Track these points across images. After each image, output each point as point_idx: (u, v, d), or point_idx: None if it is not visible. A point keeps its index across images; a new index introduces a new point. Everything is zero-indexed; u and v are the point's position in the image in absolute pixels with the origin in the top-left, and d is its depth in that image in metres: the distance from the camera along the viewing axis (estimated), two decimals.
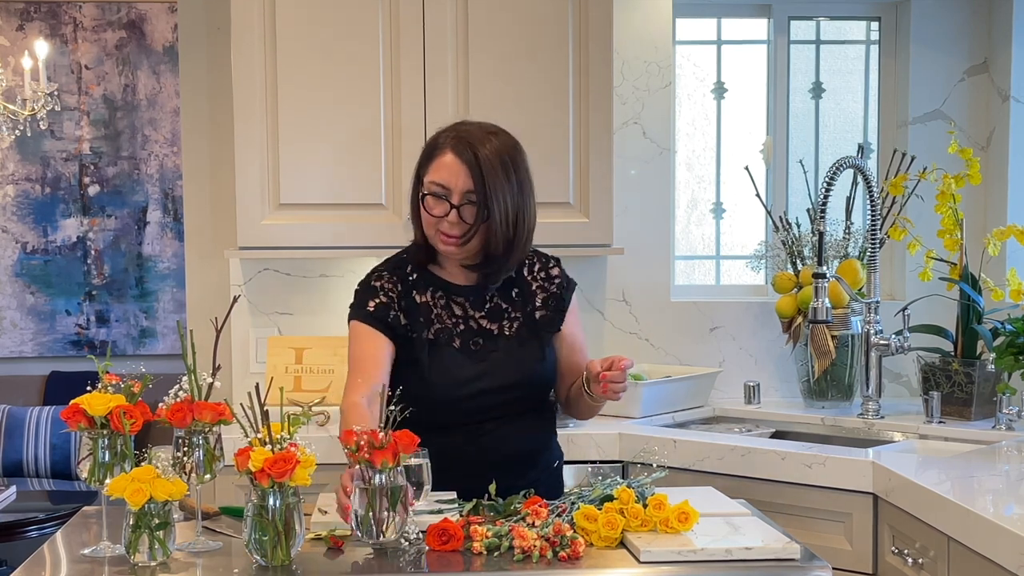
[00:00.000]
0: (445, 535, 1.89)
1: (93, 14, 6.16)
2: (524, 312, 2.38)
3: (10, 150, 6.15)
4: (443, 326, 2.34)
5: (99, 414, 1.92)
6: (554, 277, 2.43)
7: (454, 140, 2.28)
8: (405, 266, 2.39)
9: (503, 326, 2.36)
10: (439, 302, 2.36)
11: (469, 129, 2.31)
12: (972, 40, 3.54)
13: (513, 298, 2.39)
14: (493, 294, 2.37)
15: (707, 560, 1.84)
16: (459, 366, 2.31)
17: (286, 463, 1.78)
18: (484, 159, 2.25)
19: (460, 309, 2.36)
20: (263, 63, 3.10)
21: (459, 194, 2.25)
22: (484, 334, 2.35)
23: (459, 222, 2.26)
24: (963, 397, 3.08)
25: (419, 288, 2.37)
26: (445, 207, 2.26)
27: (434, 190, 2.27)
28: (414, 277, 2.38)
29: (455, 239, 2.27)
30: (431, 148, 2.32)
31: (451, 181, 2.25)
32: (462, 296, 2.36)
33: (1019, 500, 2.24)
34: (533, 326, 2.38)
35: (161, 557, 1.85)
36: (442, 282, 2.37)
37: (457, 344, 2.33)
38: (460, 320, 2.35)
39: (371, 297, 2.36)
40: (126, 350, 6.21)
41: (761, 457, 2.72)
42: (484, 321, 2.36)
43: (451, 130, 2.32)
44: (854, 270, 3.29)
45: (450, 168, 2.26)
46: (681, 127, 3.69)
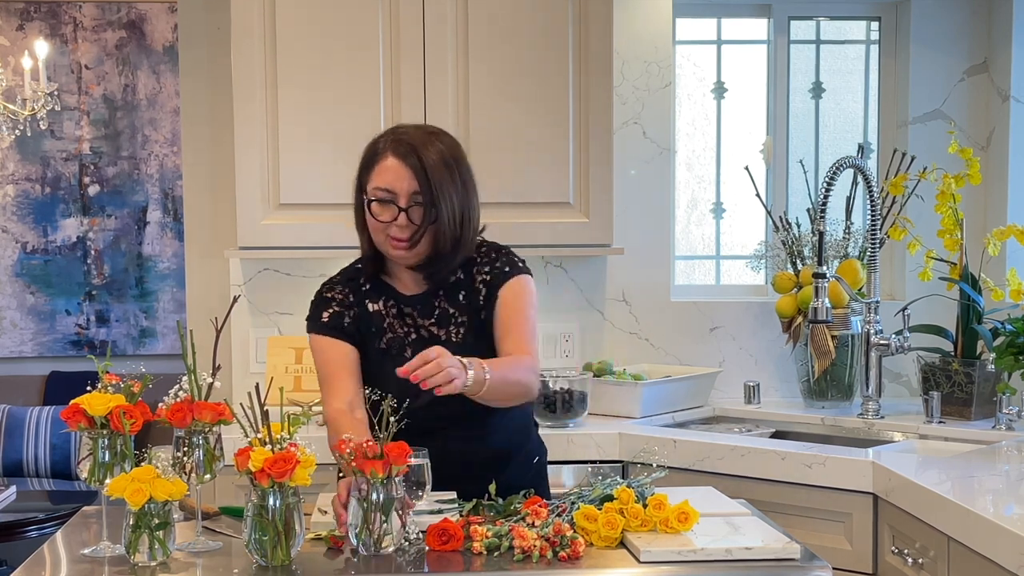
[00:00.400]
0: (445, 535, 1.89)
1: (93, 14, 6.16)
2: (470, 315, 2.34)
3: (10, 150, 6.15)
4: (395, 335, 2.34)
5: (99, 414, 1.92)
6: (495, 270, 2.35)
7: (394, 144, 2.26)
8: (359, 276, 2.40)
9: (450, 331, 2.33)
10: (391, 311, 2.36)
11: (407, 131, 2.30)
12: (972, 40, 3.54)
13: (460, 301, 2.35)
14: (441, 300, 2.35)
15: (707, 560, 1.84)
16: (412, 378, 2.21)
17: (286, 463, 1.78)
18: (428, 160, 2.24)
19: (411, 319, 2.35)
20: (263, 63, 3.10)
21: (406, 196, 2.24)
22: (434, 342, 2.31)
23: (408, 224, 2.25)
24: (963, 397, 3.08)
25: (371, 297, 2.37)
26: (392, 211, 2.25)
27: (380, 195, 2.25)
28: (367, 287, 2.38)
29: (405, 242, 2.26)
30: (371, 155, 2.29)
31: (396, 185, 2.24)
32: (410, 305, 2.35)
33: (1019, 500, 2.24)
34: (480, 327, 2.34)
35: (161, 557, 1.85)
36: (393, 291, 2.37)
37: (408, 354, 2.29)
38: (412, 329, 2.34)
39: (324, 308, 2.37)
40: (126, 350, 6.21)
41: (761, 457, 2.72)
42: (434, 328, 2.34)
43: (389, 134, 2.31)
44: (854, 270, 3.29)
45: (394, 172, 2.24)
46: (681, 127, 3.69)
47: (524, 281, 2.36)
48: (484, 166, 3.08)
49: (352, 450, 1.86)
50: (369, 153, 2.31)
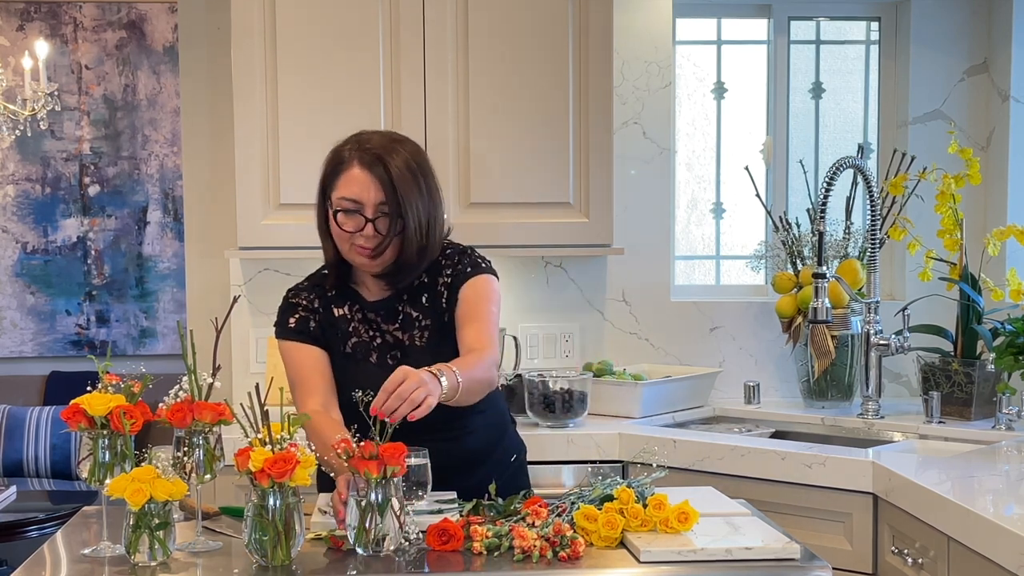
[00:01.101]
0: (445, 535, 1.90)
1: (93, 14, 6.16)
2: (434, 318, 2.34)
3: (10, 150, 6.15)
4: (360, 339, 2.34)
5: (99, 414, 1.92)
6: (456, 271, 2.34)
7: (359, 153, 2.25)
8: (324, 282, 2.40)
9: (413, 336, 2.33)
10: (356, 316, 2.36)
11: (372, 139, 2.28)
12: (972, 40, 3.54)
13: (423, 304, 2.35)
14: (404, 304, 2.35)
15: (707, 560, 1.84)
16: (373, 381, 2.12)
17: (286, 463, 1.78)
18: (394, 170, 2.23)
19: (375, 324, 2.35)
20: (263, 63, 3.10)
21: (372, 207, 2.24)
22: (399, 346, 2.33)
23: (374, 235, 2.24)
24: (963, 397, 3.08)
25: (337, 303, 2.37)
26: (358, 221, 2.24)
27: (345, 205, 2.25)
28: (332, 293, 2.38)
29: (370, 251, 2.26)
30: (336, 163, 2.28)
31: (362, 195, 2.24)
32: (373, 311, 2.36)
33: (1019, 500, 2.24)
34: (443, 330, 2.33)
35: (161, 557, 1.85)
36: (358, 297, 2.37)
37: (374, 359, 2.32)
38: (377, 334, 2.35)
39: (291, 314, 2.37)
40: (126, 350, 6.21)
41: (761, 457, 2.72)
42: (398, 333, 2.34)
43: (353, 142, 2.29)
44: (854, 270, 3.29)
45: (360, 182, 2.24)
46: (681, 127, 3.69)
47: (485, 279, 2.35)
48: (484, 166, 3.09)
49: (348, 451, 1.86)
50: (333, 161, 2.29)
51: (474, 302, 2.31)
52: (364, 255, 2.27)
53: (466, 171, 3.13)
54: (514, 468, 2.45)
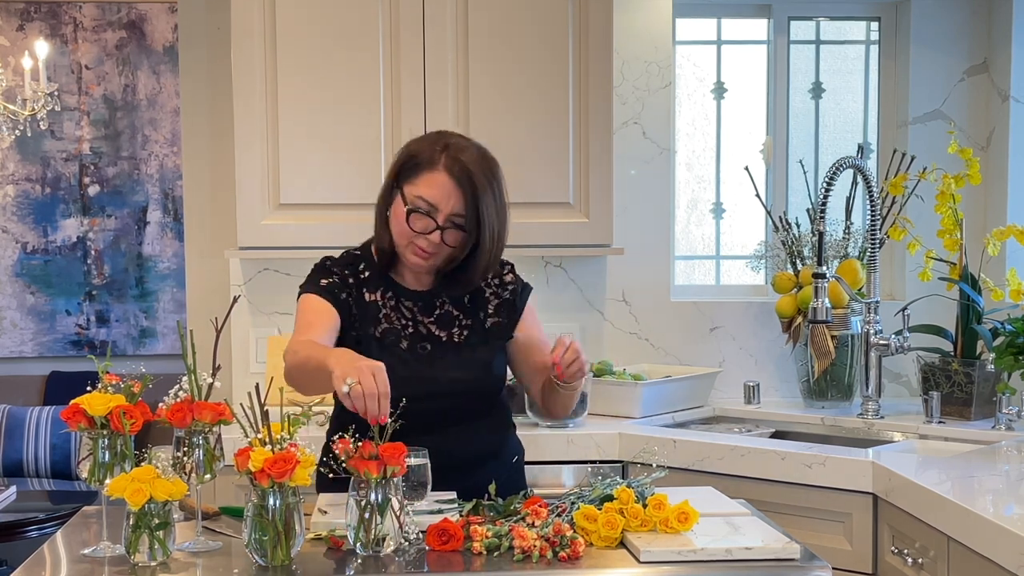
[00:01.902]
0: (445, 535, 1.89)
1: (93, 14, 6.16)
2: (475, 319, 2.35)
3: (10, 150, 6.15)
4: (391, 326, 2.32)
5: (99, 414, 1.92)
6: (507, 283, 2.40)
7: (448, 159, 2.23)
8: (358, 263, 2.37)
9: (452, 333, 2.33)
10: (388, 303, 2.33)
11: (460, 146, 2.26)
12: (972, 40, 3.54)
13: (465, 305, 2.35)
14: (444, 301, 2.35)
15: (707, 560, 1.84)
16: (403, 368, 2.24)
17: (286, 463, 1.78)
18: (480, 186, 2.23)
19: (409, 312, 2.33)
20: (263, 63, 3.10)
21: (446, 215, 2.23)
22: (432, 339, 2.32)
23: (439, 243, 2.24)
24: (963, 397, 3.08)
25: (369, 287, 2.34)
26: (428, 224, 2.23)
27: (420, 205, 2.23)
28: (366, 275, 2.35)
29: (428, 255, 2.26)
30: (422, 160, 2.25)
31: (441, 202, 2.22)
32: (411, 300, 2.34)
33: (1019, 500, 2.24)
34: (484, 334, 2.35)
35: (161, 557, 1.85)
36: (393, 283, 2.35)
37: (404, 346, 2.30)
38: (409, 323, 2.33)
39: (324, 276, 2.33)
40: (126, 350, 6.21)
41: (761, 457, 2.72)
42: (433, 327, 2.33)
43: (439, 143, 2.26)
44: (854, 270, 3.29)
45: (443, 188, 2.22)
46: (681, 127, 3.69)
47: (532, 299, 2.45)
48: None
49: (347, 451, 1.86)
50: (419, 157, 2.26)
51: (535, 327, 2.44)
52: (421, 257, 2.26)
53: None
54: (514, 469, 2.46)
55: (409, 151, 2.29)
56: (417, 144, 2.30)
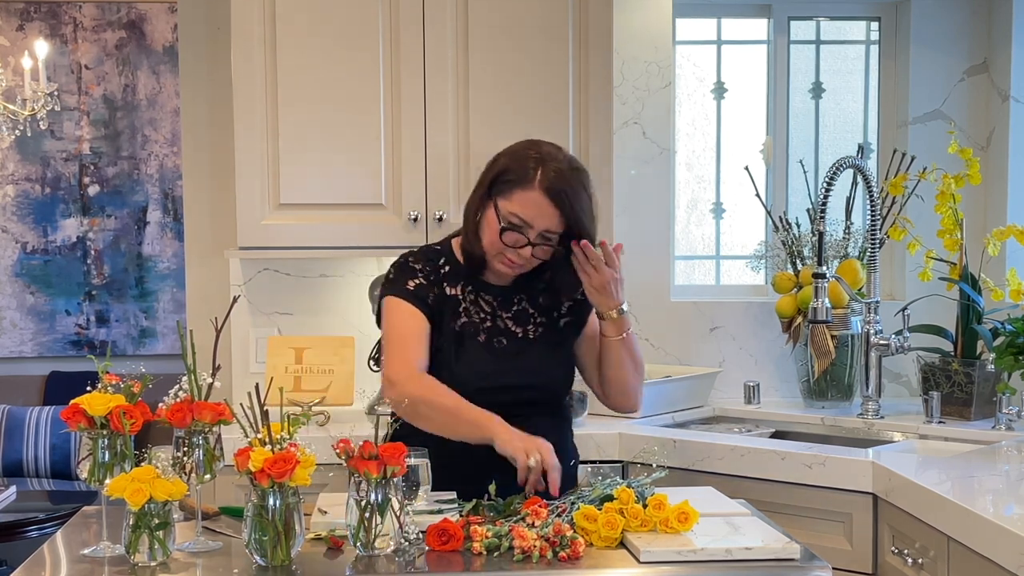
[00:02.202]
0: (445, 535, 1.89)
1: (93, 14, 6.16)
2: (549, 318, 2.42)
3: (10, 150, 6.15)
4: (470, 319, 2.37)
5: (99, 414, 1.92)
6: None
7: (543, 177, 2.25)
8: (438, 258, 2.41)
9: (528, 329, 2.39)
10: (468, 296, 2.38)
11: (558, 164, 2.28)
12: (972, 40, 3.54)
13: (539, 303, 2.42)
14: (521, 297, 2.41)
15: (707, 560, 1.84)
16: (482, 360, 2.34)
17: (286, 463, 1.78)
18: (576, 203, 2.27)
19: (488, 306, 2.39)
20: (263, 63, 3.10)
21: (538, 232, 2.28)
22: (508, 334, 2.38)
23: (530, 258, 2.30)
24: (963, 397, 3.08)
25: (450, 281, 2.39)
26: (520, 239, 2.28)
27: (513, 221, 2.27)
28: (446, 270, 2.40)
29: (518, 268, 2.32)
30: (516, 174, 2.27)
31: (535, 220, 2.26)
32: (490, 294, 2.40)
33: (1019, 500, 2.24)
34: (557, 332, 2.42)
35: (161, 557, 1.85)
36: (472, 277, 2.40)
37: (482, 339, 2.36)
38: (487, 317, 2.38)
39: (410, 277, 2.37)
40: (126, 350, 6.21)
41: (761, 457, 2.72)
42: (510, 322, 2.39)
43: (533, 158, 2.28)
44: (854, 270, 3.29)
45: (538, 208, 2.26)
46: (681, 127, 3.69)
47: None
48: (483, 166, 3.08)
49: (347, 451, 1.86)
50: (513, 172, 2.28)
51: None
52: (509, 268, 2.32)
53: (466, 171, 3.13)
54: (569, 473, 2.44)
55: (502, 166, 2.32)
56: (509, 158, 2.32)
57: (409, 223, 3.12)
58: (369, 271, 3.40)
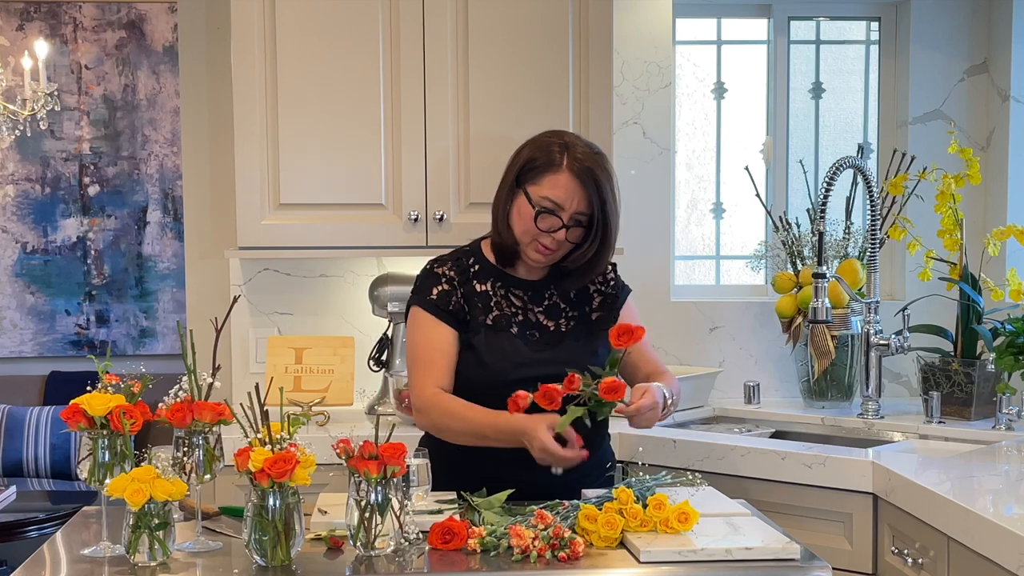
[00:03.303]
0: (449, 534, 1.89)
1: (93, 14, 6.16)
2: (580, 312, 2.45)
3: (10, 150, 6.15)
4: (502, 313, 2.40)
5: (99, 414, 1.93)
6: (610, 280, 2.51)
7: (570, 159, 2.32)
8: (468, 257, 2.46)
9: (559, 323, 2.42)
10: (499, 292, 2.42)
11: (579, 147, 2.35)
12: (972, 40, 3.54)
13: (571, 298, 2.45)
14: (552, 292, 2.44)
15: (707, 560, 1.84)
16: (516, 350, 2.37)
17: (286, 463, 1.78)
18: (602, 183, 2.33)
19: (519, 301, 2.42)
20: (263, 63, 3.10)
21: (571, 214, 2.32)
22: (540, 328, 2.41)
23: (564, 240, 2.34)
24: (963, 397, 3.08)
25: (480, 278, 2.43)
26: (554, 223, 2.32)
27: (546, 205, 2.32)
28: (476, 269, 2.44)
29: (552, 253, 2.35)
30: (544, 161, 2.33)
31: (567, 201, 2.31)
32: (521, 289, 2.43)
33: (1019, 500, 2.24)
34: (588, 325, 2.45)
35: (161, 557, 1.85)
36: (502, 274, 2.43)
37: (515, 331, 2.39)
38: (519, 310, 2.41)
39: (433, 284, 2.41)
40: (126, 350, 6.21)
41: (761, 457, 2.72)
42: (541, 316, 2.42)
43: (557, 143, 2.35)
44: (854, 270, 3.29)
45: (568, 189, 2.31)
46: (681, 127, 3.69)
47: (631, 299, 2.55)
48: (483, 166, 3.09)
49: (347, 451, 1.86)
50: (540, 159, 2.34)
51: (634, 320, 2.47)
52: (544, 254, 2.36)
53: (466, 171, 3.13)
54: (605, 478, 2.46)
55: (527, 155, 2.38)
56: (533, 147, 2.39)
57: (409, 223, 3.12)
58: (369, 271, 3.40)
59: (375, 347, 3.28)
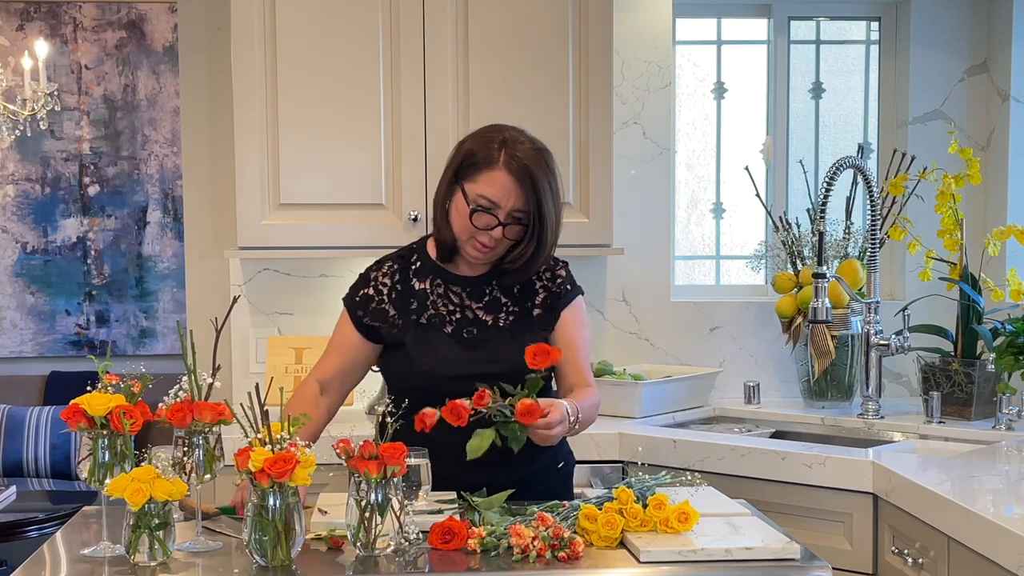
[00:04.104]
0: (449, 534, 1.89)
1: (93, 14, 6.16)
2: (522, 307, 2.40)
3: (10, 150, 6.15)
4: (436, 312, 2.37)
5: (99, 414, 1.92)
6: (558, 278, 2.44)
7: (507, 156, 2.29)
8: (411, 255, 2.44)
9: (498, 318, 2.38)
10: (436, 290, 2.39)
11: (520, 146, 2.31)
12: (972, 40, 3.54)
13: (514, 293, 2.41)
14: (493, 287, 2.40)
15: (707, 560, 1.84)
16: (446, 349, 2.33)
17: (286, 463, 1.78)
18: (539, 181, 2.29)
19: (457, 298, 2.39)
20: (263, 63, 3.10)
21: (507, 212, 2.29)
22: (479, 324, 2.37)
23: (501, 238, 2.31)
24: (963, 397, 3.08)
25: (419, 276, 2.41)
26: (490, 221, 2.29)
27: (482, 203, 2.29)
28: (417, 266, 2.42)
29: (490, 251, 2.32)
30: (481, 159, 2.30)
31: (502, 200, 2.28)
32: (459, 286, 2.40)
33: (1019, 500, 2.24)
34: (528, 322, 2.39)
35: (161, 557, 1.85)
36: (442, 271, 2.41)
37: (449, 330, 2.36)
38: (456, 308, 2.38)
39: (361, 287, 2.43)
40: (126, 350, 6.21)
41: (761, 457, 2.72)
42: (480, 312, 2.38)
43: (496, 140, 2.31)
44: (854, 270, 3.29)
45: (503, 187, 2.28)
46: (681, 127, 3.69)
47: (581, 302, 2.47)
48: None
49: (348, 451, 1.86)
50: (478, 155, 2.31)
51: (574, 329, 2.43)
52: (481, 252, 2.33)
53: None
54: (559, 476, 2.43)
55: (467, 149, 2.34)
56: (473, 141, 2.35)
57: (409, 223, 3.12)
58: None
59: None
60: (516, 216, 2.30)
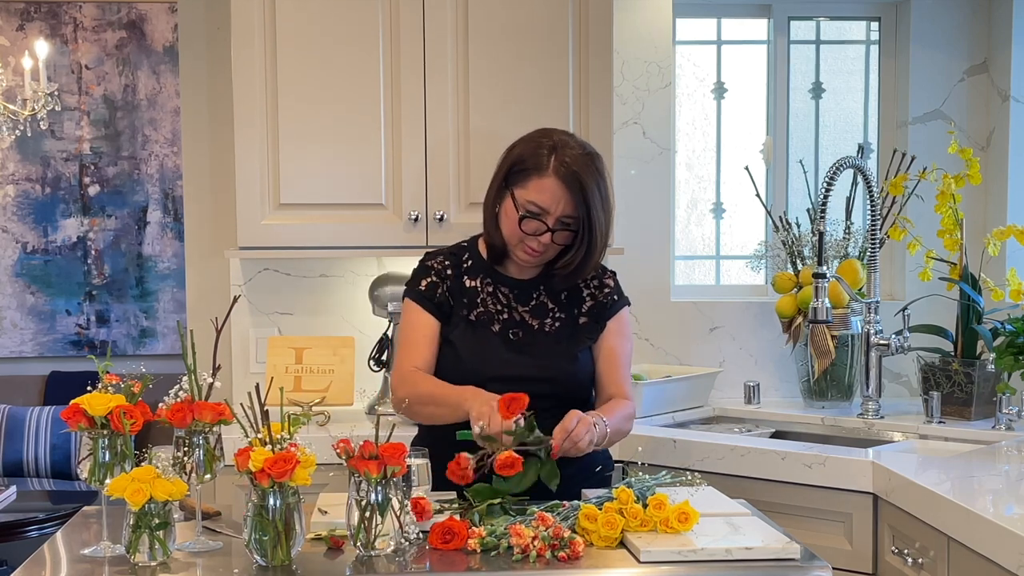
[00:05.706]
0: (449, 534, 1.89)
1: (93, 14, 6.16)
2: (569, 314, 2.43)
3: (10, 150, 6.15)
4: (486, 310, 2.40)
5: (99, 414, 1.92)
6: (605, 287, 2.48)
7: (556, 163, 2.30)
8: (463, 253, 2.47)
9: (544, 323, 2.41)
10: (487, 288, 2.42)
11: (570, 151, 2.32)
12: (972, 40, 3.54)
13: (561, 299, 2.44)
14: (540, 292, 2.43)
15: (707, 560, 1.84)
16: (493, 348, 2.37)
17: (286, 463, 1.78)
18: (588, 188, 2.30)
19: (505, 299, 2.42)
20: (263, 63, 3.10)
21: (556, 218, 2.31)
22: (524, 327, 2.40)
23: (550, 243, 2.33)
24: (963, 397, 3.08)
25: (470, 274, 2.44)
26: (539, 226, 2.31)
27: (531, 209, 2.31)
28: (468, 264, 2.45)
29: (539, 255, 2.35)
30: (531, 165, 2.31)
31: (552, 206, 2.30)
32: (507, 287, 2.43)
33: (1019, 500, 2.24)
34: (573, 329, 2.42)
35: (161, 557, 1.85)
36: (493, 271, 2.44)
37: (496, 329, 2.39)
38: (504, 309, 2.41)
39: (423, 276, 2.45)
40: (126, 350, 6.21)
41: (761, 457, 2.72)
42: (527, 315, 2.41)
43: (546, 145, 2.32)
44: (854, 270, 3.29)
45: (553, 193, 2.29)
46: (681, 127, 3.69)
47: (627, 314, 2.51)
48: (483, 166, 3.08)
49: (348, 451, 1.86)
50: (528, 161, 2.33)
51: (617, 340, 2.46)
52: (531, 256, 2.35)
53: (466, 171, 3.13)
54: (596, 479, 2.42)
55: (516, 154, 2.36)
56: (523, 147, 2.37)
57: (409, 223, 3.12)
58: (369, 271, 3.40)
59: (375, 347, 3.28)
60: (565, 222, 2.32)
